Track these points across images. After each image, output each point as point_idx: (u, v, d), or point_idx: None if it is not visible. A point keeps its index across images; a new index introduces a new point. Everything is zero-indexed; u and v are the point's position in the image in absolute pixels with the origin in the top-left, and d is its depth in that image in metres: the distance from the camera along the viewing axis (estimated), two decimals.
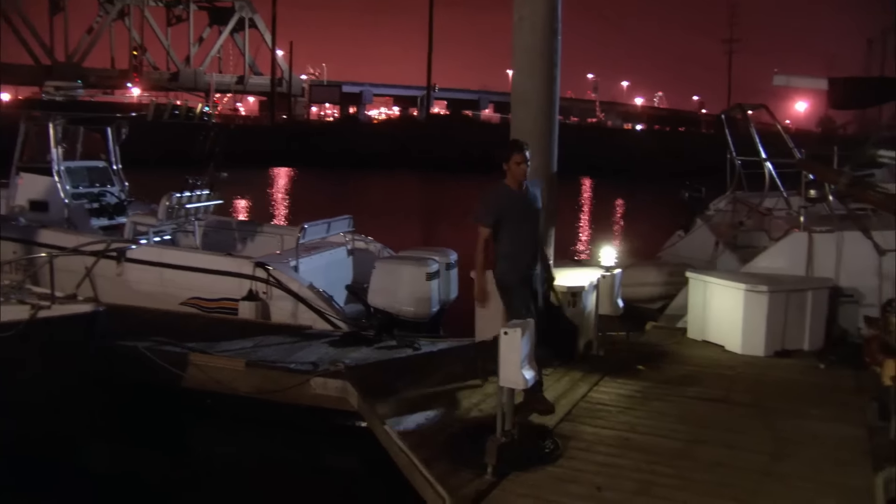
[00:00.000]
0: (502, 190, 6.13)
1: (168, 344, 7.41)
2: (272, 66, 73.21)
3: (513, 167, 6.00)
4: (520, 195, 6.08)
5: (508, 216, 6.01)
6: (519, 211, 6.04)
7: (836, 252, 8.25)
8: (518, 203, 6.06)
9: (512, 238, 6.03)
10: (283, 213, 28.44)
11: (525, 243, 6.07)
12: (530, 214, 6.12)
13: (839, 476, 4.92)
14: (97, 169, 12.17)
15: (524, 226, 6.06)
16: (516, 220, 6.03)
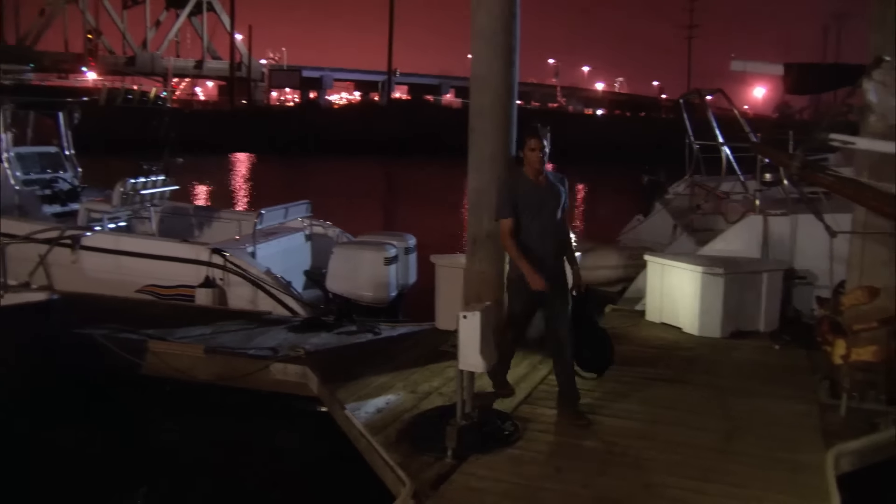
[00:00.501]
0: (517, 179, 5.63)
1: (125, 331, 7.34)
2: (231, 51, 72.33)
3: (527, 154, 5.48)
4: (535, 185, 5.52)
5: (523, 207, 5.47)
6: (534, 202, 5.48)
7: (790, 234, 8.41)
8: (533, 193, 5.50)
9: (524, 231, 5.49)
10: (242, 199, 28.14)
11: (539, 238, 5.48)
12: (547, 207, 5.52)
13: (791, 453, 5.02)
14: (49, 154, 11.92)
15: (538, 219, 5.48)
16: (530, 211, 5.47)
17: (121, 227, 10.34)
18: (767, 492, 4.50)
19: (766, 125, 32.39)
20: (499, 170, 6.93)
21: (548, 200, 5.53)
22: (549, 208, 5.53)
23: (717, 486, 4.55)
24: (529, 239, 5.48)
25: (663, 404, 5.88)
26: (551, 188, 5.57)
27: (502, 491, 4.51)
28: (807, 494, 4.46)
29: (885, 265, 5.84)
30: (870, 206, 4.86)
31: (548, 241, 5.53)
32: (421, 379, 6.40)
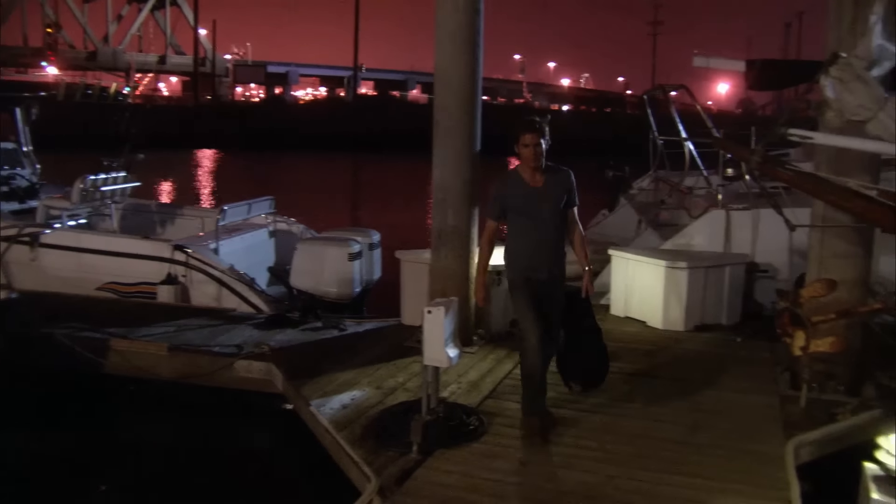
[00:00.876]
0: (510, 178, 5.18)
1: (86, 330, 7.24)
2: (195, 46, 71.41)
3: (521, 151, 5.03)
4: (529, 185, 5.09)
5: (513, 207, 5.12)
6: (526, 204, 5.08)
7: (752, 228, 8.52)
8: (526, 194, 5.08)
9: (514, 232, 5.17)
10: (207, 196, 27.85)
11: (529, 240, 5.11)
12: (543, 209, 5.08)
13: (752, 443, 5.08)
14: (5, 150, 11.66)
15: (533, 222, 5.08)
16: (522, 214, 5.11)
17: (81, 224, 10.17)
18: (729, 483, 4.55)
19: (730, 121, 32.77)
20: (463, 165, 6.94)
21: (544, 202, 5.08)
22: (546, 210, 5.08)
23: (680, 478, 4.59)
24: (521, 243, 5.15)
25: (627, 398, 5.92)
26: (549, 188, 5.10)
27: (468, 485, 4.51)
28: (767, 484, 4.52)
29: (843, 258, 5.93)
30: (827, 200, 4.94)
31: (543, 246, 5.12)
32: (386, 374, 6.38)
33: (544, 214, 5.10)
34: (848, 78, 4.36)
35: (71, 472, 5.91)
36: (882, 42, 4.45)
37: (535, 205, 5.09)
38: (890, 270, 6.73)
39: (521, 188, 5.12)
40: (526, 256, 5.14)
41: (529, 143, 4.99)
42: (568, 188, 5.16)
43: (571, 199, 5.21)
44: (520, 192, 5.12)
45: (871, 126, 4.38)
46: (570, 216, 5.24)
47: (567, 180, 5.18)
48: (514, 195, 5.12)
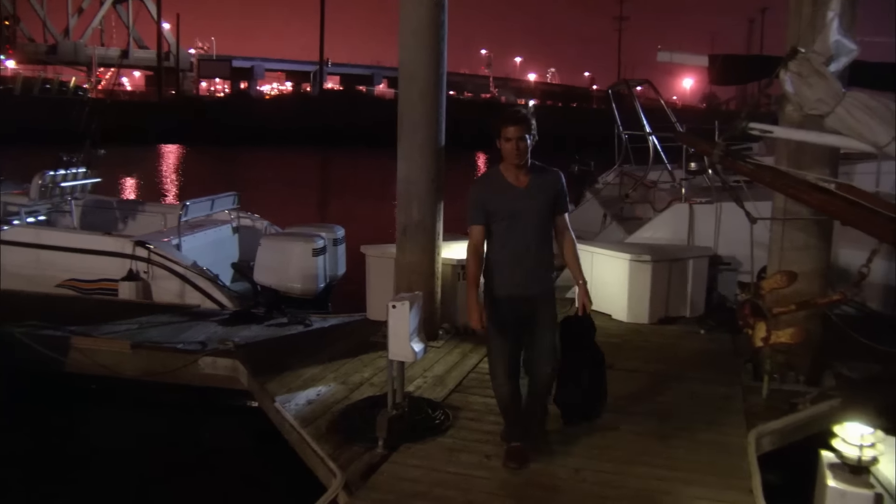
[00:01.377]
0: (490, 177, 4.57)
1: (47, 328, 7.11)
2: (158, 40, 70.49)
3: (503, 145, 4.39)
4: (510, 186, 4.46)
5: (495, 212, 4.45)
6: (507, 206, 4.44)
7: (715, 222, 8.61)
8: (507, 196, 4.45)
9: (497, 241, 4.50)
10: (169, 192, 27.52)
11: (511, 250, 4.47)
12: (526, 212, 4.44)
13: (715, 434, 5.14)
14: None
15: (515, 226, 4.44)
16: (503, 218, 4.45)
17: (40, 220, 10.00)
18: (693, 473, 4.60)
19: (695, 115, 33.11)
20: (428, 159, 6.93)
21: (527, 204, 4.44)
22: (530, 213, 4.44)
23: (644, 469, 4.63)
24: (501, 252, 4.50)
25: None
26: (535, 189, 4.47)
27: (433, 480, 4.51)
28: (730, 474, 4.58)
29: (803, 250, 6.02)
30: (787, 193, 4.99)
31: (527, 256, 4.47)
32: (352, 370, 6.36)
33: (529, 219, 4.44)
34: (807, 73, 4.42)
35: (33, 473, 5.82)
36: (839, 38, 4.51)
37: (519, 208, 4.43)
38: (849, 262, 6.84)
39: (502, 189, 4.46)
40: (506, 268, 4.49)
41: (512, 136, 4.34)
42: (557, 191, 4.52)
43: (561, 203, 4.58)
44: (501, 193, 4.46)
45: (829, 120, 4.44)
46: (559, 223, 4.59)
47: (556, 182, 4.54)
48: (495, 197, 4.46)
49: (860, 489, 3.45)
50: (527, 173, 4.48)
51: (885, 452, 3.55)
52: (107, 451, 6.19)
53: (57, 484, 5.72)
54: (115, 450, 6.21)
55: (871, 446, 3.49)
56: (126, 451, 6.18)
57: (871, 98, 4.31)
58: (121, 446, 6.26)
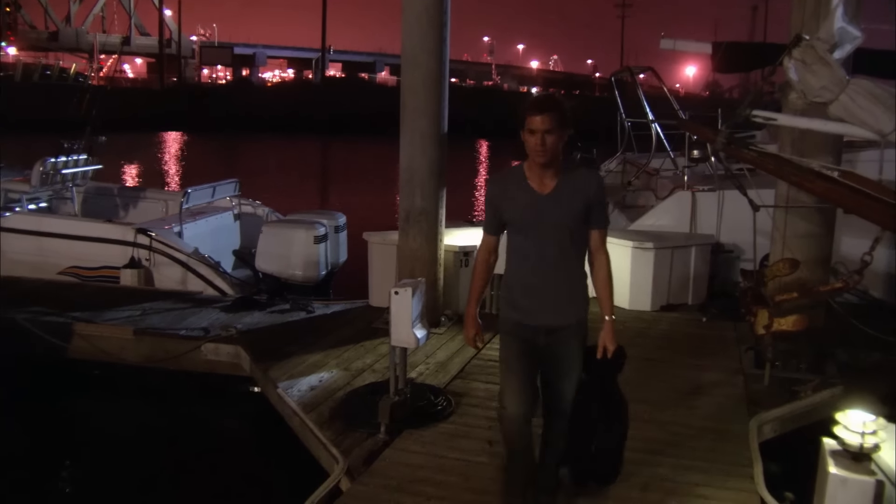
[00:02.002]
0: (508, 177, 3.70)
1: (49, 314, 7.13)
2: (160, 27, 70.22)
3: (526, 139, 3.49)
4: (533, 189, 3.57)
5: (511, 220, 3.64)
6: (526, 214, 3.57)
7: (718, 209, 8.61)
8: (528, 200, 3.57)
9: (513, 257, 3.69)
10: (171, 179, 27.51)
11: (528, 270, 3.61)
12: (547, 223, 3.54)
13: (717, 421, 5.16)
14: None
15: (532, 240, 3.57)
16: (521, 227, 3.62)
17: (41, 207, 10.00)
18: (694, 460, 4.61)
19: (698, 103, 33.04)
20: (430, 146, 6.92)
21: (550, 213, 3.54)
22: (552, 225, 3.55)
23: (645, 456, 4.64)
24: (515, 270, 3.67)
25: None
26: (563, 196, 3.55)
27: (435, 465, 4.52)
28: (731, 461, 4.59)
29: (806, 238, 6.02)
30: (790, 181, 4.98)
31: (545, 277, 3.59)
32: (354, 356, 6.37)
33: (550, 233, 3.55)
34: (811, 60, 4.39)
35: (36, 459, 5.84)
36: (844, 25, 4.48)
37: (538, 218, 3.55)
38: (851, 250, 6.83)
39: (522, 193, 3.59)
40: (521, 292, 3.66)
41: (538, 127, 3.41)
42: (591, 199, 3.57)
43: (597, 214, 3.63)
44: (520, 197, 3.59)
45: (833, 108, 4.42)
46: (593, 239, 3.65)
47: (591, 187, 3.58)
48: (512, 202, 3.61)
49: (862, 476, 3.45)
50: (554, 175, 3.55)
51: (886, 440, 3.54)
52: (109, 437, 6.22)
53: (60, 469, 5.75)
54: (118, 436, 6.24)
55: (873, 433, 3.49)
56: (128, 437, 6.21)
57: (876, 86, 4.28)
58: (123, 432, 6.29)
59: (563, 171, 3.58)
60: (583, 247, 3.66)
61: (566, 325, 3.67)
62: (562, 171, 3.57)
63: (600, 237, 3.67)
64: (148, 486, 5.57)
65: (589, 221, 3.61)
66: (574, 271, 3.65)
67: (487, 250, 3.78)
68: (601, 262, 3.69)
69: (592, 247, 3.68)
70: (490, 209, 3.73)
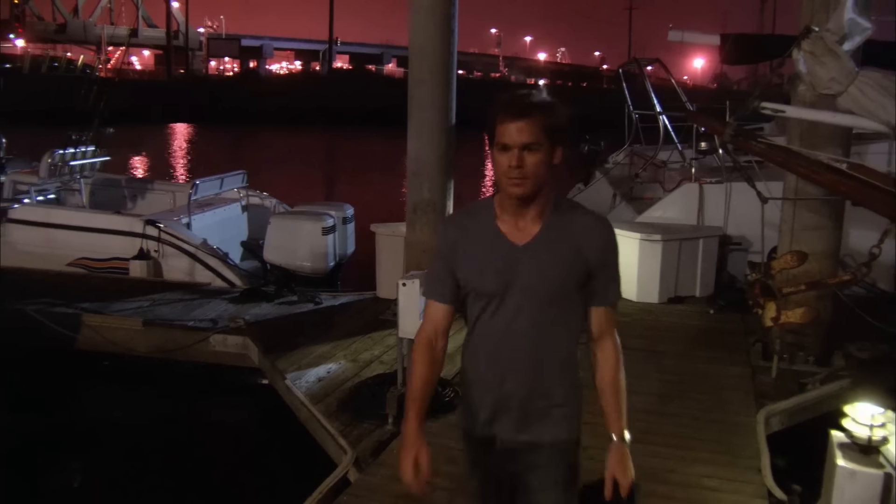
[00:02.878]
0: (470, 216, 2.45)
1: (59, 306, 7.17)
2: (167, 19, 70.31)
3: (496, 158, 2.27)
4: (502, 235, 2.37)
5: (471, 282, 2.41)
6: (494, 273, 2.36)
7: (725, 201, 8.58)
8: (497, 253, 2.36)
9: (473, 338, 2.50)
10: (179, 170, 27.57)
11: (498, 357, 2.43)
12: (522, 291, 2.35)
13: (724, 414, 5.16)
14: None
15: (501, 315, 2.39)
16: (486, 293, 2.40)
17: (49, 199, 10.04)
18: (701, 452, 4.61)
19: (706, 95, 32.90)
20: (438, 138, 6.91)
21: (530, 272, 2.34)
22: (533, 291, 2.35)
23: (651, 448, 4.64)
24: (479, 357, 2.48)
25: None
26: (550, 244, 2.34)
27: (443, 456, 4.52)
28: (738, 453, 4.58)
29: (814, 230, 6.00)
30: (798, 173, 4.97)
31: (522, 365, 2.42)
32: (362, 348, 6.39)
33: (530, 306, 2.36)
34: (820, 52, 4.37)
35: (45, 449, 5.88)
36: (853, 16, 4.46)
37: (513, 282, 2.34)
38: (860, 243, 6.82)
39: (488, 242, 2.37)
40: (483, 392, 2.48)
41: (513, 141, 2.21)
42: (595, 258, 2.36)
43: (603, 283, 2.41)
44: (484, 249, 2.37)
45: (842, 100, 4.40)
46: (595, 320, 2.47)
47: (596, 240, 2.36)
48: (473, 256, 2.37)
49: (870, 469, 3.45)
50: (538, 216, 2.33)
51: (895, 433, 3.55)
52: (118, 428, 6.26)
53: (68, 459, 5.79)
54: (126, 426, 6.28)
55: (882, 426, 3.49)
56: (137, 428, 6.25)
57: (885, 77, 4.27)
58: (132, 423, 6.33)
59: (552, 212, 2.33)
60: (573, 328, 2.42)
61: (548, 444, 2.50)
62: (551, 210, 2.33)
63: (606, 318, 2.44)
64: (156, 476, 5.61)
65: (589, 292, 2.39)
66: (563, 365, 2.45)
67: (433, 331, 2.47)
68: (607, 353, 2.48)
69: (594, 331, 2.46)
70: (439, 264, 2.42)
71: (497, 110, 2.24)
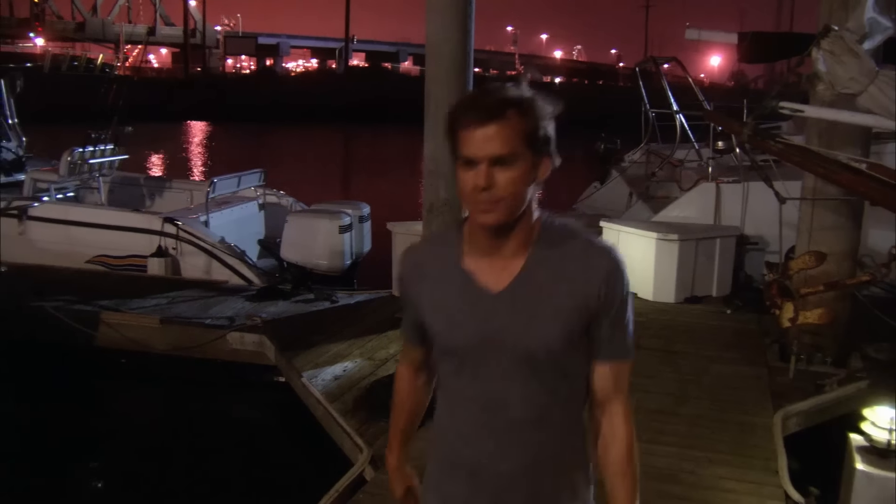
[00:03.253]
0: (432, 249, 1.92)
1: (78, 303, 7.23)
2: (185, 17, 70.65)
3: (460, 175, 1.69)
4: (470, 279, 1.77)
5: (437, 334, 1.83)
6: (462, 326, 1.76)
7: (742, 201, 8.54)
8: (465, 299, 1.77)
9: (442, 403, 1.93)
10: (196, 168, 27.72)
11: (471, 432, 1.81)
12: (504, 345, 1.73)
13: (741, 414, 5.13)
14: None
15: (477, 376, 1.77)
16: (454, 350, 1.80)
17: (69, 197, 10.13)
18: (718, 453, 4.60)
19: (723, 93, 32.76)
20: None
21: (511, 325, 1.73)
22: (515, 348, 1.73)
23: (666, 448, 4.64)
24: (448, 428, 1.89)
25: None
26: (536, 288, 1.74)
27: None
28: (755, 454, 4.57)
29: (832, 230, 5.96)
30: (816, 173, 4.95)
31: (504, 440, 1.78)
32: (378, 346, 6.40)
33: (514, 368, 1.76)
34: (839, 51, 4.35)
35: (63, 446, 5.93)
36: (874, 15, 4.43)
37: (489, 338, 1.75)
38: (879, 243, 6.77)
39: (453, 285, 1.81)
40: (450, 473, 1.90)
41: (478, 153, 1.65)
42: (597, 301, 1.75)
43: (609, 332, 1.79)
44: (449, 294, 1.81)
45: (861, 99, 4.38)
46: (597, 378, 1.84)
47: (592, 274, 1.75)
48: (436, 302, 1.83)
49: (888, 473, 3.44)
50: (519, 249, 1.77)
51: None
52: (136, 425, 6.31)
53: (86, 456, 5.84)
54: (144, 423, 6.33)
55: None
56: (154, 425, 6.29)
57: None
58: (149, 420, 6.38)
59: (538, 243, 1.76)
60: (580, 393, 1.84)
61: None
62: (536, 241, 1.76)
63: (614, 378, 1.82)
64: (173, 473, 5.65)
65: (592, 345, 1.79)
66: (571, 456, 1.86)
67: (411, 368, 2.08)
68: (616, 425, 1.86)
69: (598, 393, 1.84)
70: (406, 305, 1.95)
71: (457, 112, 1.68)
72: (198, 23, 77.10)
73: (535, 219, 1.78)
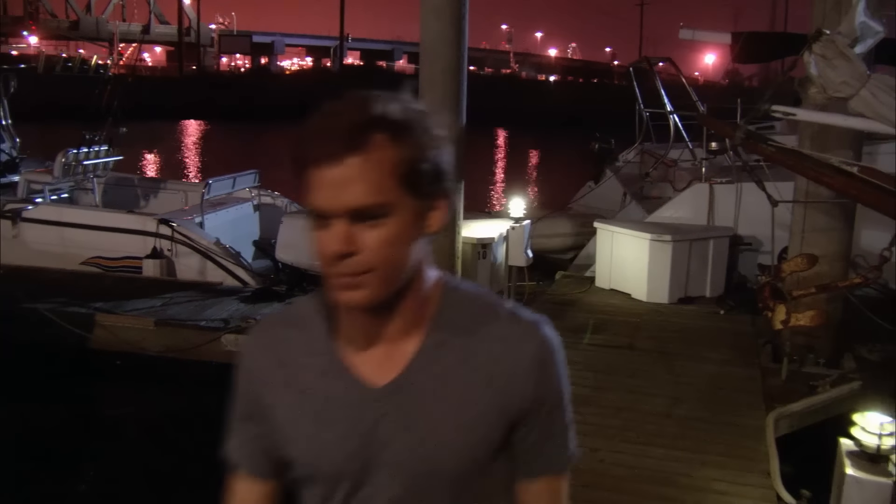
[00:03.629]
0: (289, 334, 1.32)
1: (72, 305, 7.23)
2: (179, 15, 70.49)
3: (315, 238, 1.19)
4: (346, 370, 1.23)
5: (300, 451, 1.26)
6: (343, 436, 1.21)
7: (736, 202, 8.57)
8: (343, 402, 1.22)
9: None
10: (191, 169, 27.68)
11: None
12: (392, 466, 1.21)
13: (734, 416, 5.15)
14: None
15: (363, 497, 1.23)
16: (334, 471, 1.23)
17: (63, 198, 10.11)
18: (710, 455, 4.62)
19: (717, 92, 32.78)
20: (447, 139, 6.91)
21: (402, 437, 1.20)
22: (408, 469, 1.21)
23: (660, 450, 4.66)
24: None
25: (610, 370, 5.98)
26: (432, 380, 1.21)
27: None
28: (748, 456, 4.59)
29: (824, 232, 5.99)
30: (808, 176, 4.97)
31: None
32: None
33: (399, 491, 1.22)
34: (831, 55, 4.37)
35: (57, 448, 5.93)
36: (865, 19, 4.45)
37: (373, 455, 1.21)
38: (871, 245, 6.80)
39: (322, 381, 1.25)
40: None
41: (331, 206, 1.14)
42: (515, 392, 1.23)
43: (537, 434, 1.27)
44: (316, 395, 1.25)
45: (853, 103, 4.40)
46: (527, 500, 1.31)
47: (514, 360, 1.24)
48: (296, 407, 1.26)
49: (878, 477, 3.46)
50: (409, 328, 1.23)
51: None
52: (130, 427, 6.31)
53: (80, 457, 5.84)
54: (139, 425, 6.33)
55: (890, 435, 3.50)
56: (149, 427, 6.29)
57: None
58: (144, 422, 6.38)
59: (437, 318, 1.25)
60: None
61: None
62: (434, 314, 1.25)
63: (548, 497, 1.33)
64: (167, 475, 5.65)
65: (518, 458, 1.30)
66: None
67: None
68: None
69: None
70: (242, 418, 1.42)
71: (301, 141, 1.22)
72: (192, 21, 77.01)
73: (432, 284, 1.24)
